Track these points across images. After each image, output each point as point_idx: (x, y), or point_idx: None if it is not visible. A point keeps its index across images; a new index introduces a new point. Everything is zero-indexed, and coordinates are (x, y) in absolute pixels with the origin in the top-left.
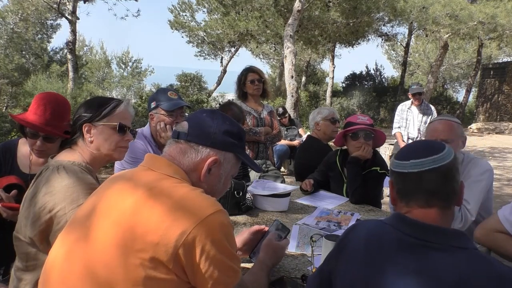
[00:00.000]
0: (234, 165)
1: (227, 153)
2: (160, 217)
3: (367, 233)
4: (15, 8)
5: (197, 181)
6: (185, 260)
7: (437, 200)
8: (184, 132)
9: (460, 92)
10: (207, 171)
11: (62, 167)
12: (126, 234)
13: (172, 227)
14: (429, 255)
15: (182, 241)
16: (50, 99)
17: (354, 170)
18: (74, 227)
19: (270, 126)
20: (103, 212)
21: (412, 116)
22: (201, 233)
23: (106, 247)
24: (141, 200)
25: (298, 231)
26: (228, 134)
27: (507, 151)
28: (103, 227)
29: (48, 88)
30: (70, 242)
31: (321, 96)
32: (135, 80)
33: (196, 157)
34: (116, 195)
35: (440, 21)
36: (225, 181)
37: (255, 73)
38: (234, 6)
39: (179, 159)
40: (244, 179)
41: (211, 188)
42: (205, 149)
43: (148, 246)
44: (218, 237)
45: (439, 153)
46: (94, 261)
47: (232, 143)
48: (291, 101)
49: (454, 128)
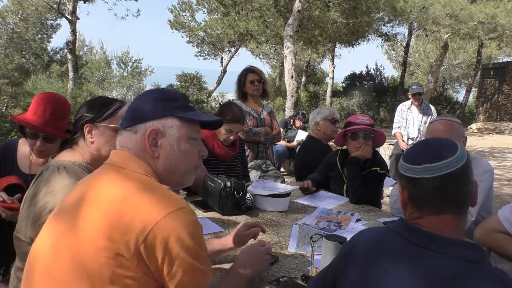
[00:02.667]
0: (181, 127)
1: (164, 119)
2: (122, 213)
3: (372, 239)
4: (15, 8)
5: (151, 162)
6: (147, 258)
7: (452, 206)
8: (121, 122)
9: (460, 92)
10: (153, 145)
11: (62, 167)
12: (111, 217)
13: (133, 223)
14: (434, 265)
15: (143, 238)
16: (50, 99)
17: (354, 170)
18: (61, 216)
19: (270, 127)
20: (91, 200)
21: (412, 116)
22: (162, 231)
23: (92, 234)
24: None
25: (298, 231)
26: (157, 101)
27: (507, 151)
28: (91, 216)
29: (48, 88)
30: (58, 232)
31: (321, 96)
32: (135, 80)
33: (137, 137)
34: (103, 181)
35: (440, 21)
36: (180, 147)
37: (255, 74)
38: (234, 6)
39: (128, 146)
40: (244, 179)
41: (168, 160)
42: (141, 125)
43: (114, 241)
44: (182, 235)
45: (453, 155)
46: (81, 250)
47: (164, 106)
48: (291, 101)
49: (454, 128)
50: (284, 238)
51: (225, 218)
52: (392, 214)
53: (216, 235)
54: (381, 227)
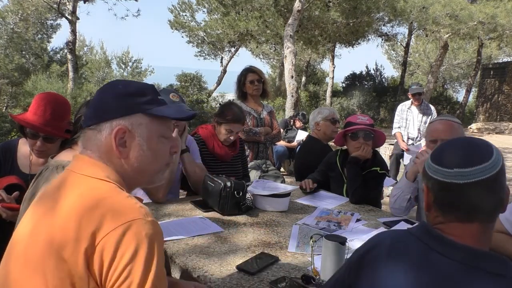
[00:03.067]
0: (150, 125)
1: (132, 116)
2: (74, 221)
3: (392, 241)
4: (15, 8)
5: (118, 163)
6: (95, 273)
7: (481, 215)
8: (84, 120)
9: (460, 92)
10: (120, 145)
11: (62, 167)
12: (83, 206)
13: (81, 239)
14: (455, 277)
15: (91, 252)
16: (50, 99)
17: (353, 170)
18: (42, 200)
19: (270, 126)
20: (72, 184)
21: (412, 116)
22: (110, 244)
23: (67, 214)
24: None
25: (298, 231)
26: (123, 96)
27: (507, 151)
28: (70, 197)
29: (48, 88)
30: (37, 215)
31: (321, 96)
32: (135, 80)
33: (102, 136)
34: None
35: (440, 21)
36: (150, 146)
37: (254, 74)
38: (234, 6)
39: (90, 148)
40: (244, 179)
41: (137, 160)
42: (106, 124)
43: (65, 261)
44: (130, 248)
45: (488, 161)
46: (55, 228)
47: (132, 103)
48: (291, 101)
49: (454, 129)
50: (284, 238)
51: (225, 218)
52: (392, 214)
53: (216, 235)
54: (401, 230)
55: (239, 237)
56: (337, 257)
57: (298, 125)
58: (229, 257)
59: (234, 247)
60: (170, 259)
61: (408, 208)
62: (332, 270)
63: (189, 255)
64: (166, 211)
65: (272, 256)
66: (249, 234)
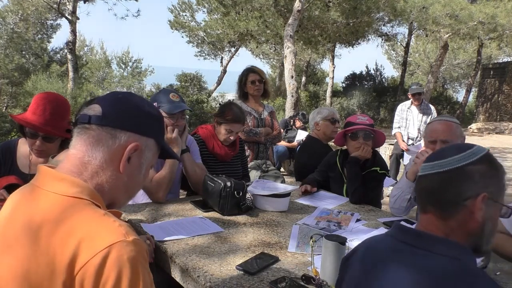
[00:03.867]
0: (154, 154)
1: (149, 139)
2: (45, 251)
3: (368, 244)
4: (15, 8)
5: (112, 175)
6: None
7: (431, 207)
8: (97, 115)
9: (460, 92)
10: (127, 160)
11: None
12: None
13: (58, 264)
14: (424, 263)
15: (70, 283)
16: (50, 99)
17: (353, 170)
18: (7, 228)
19: (271, 127)
20: (37, 202)
21: (412, 116)
22: (90, 273)
23: (38, 244)
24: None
25: (298, 231)
26: (149, 117)
27: (507, 151)
28: (36, 220)
29: (48, 88)
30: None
31: (321, 96)
32: (135, 80)
33: (114, 144)
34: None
35: (440, 21)
36: (145, 172)
37: (255, 74)
38: (234, 6)
39: (91, 154)
40: (244, 179)
41: (131, 180)
42: (124, 133)
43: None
44: (113, 275)
45: (455, 155)
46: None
47: (153, 127)
48: (291, 101)
49: (453, 129)
50: (284, 238)
51: (225, 218)
52: (392, 214)
53: (216, 235)
54: (381, 234)
55: (239, 237)
56: (337, 257)
57: (298, 125)
58: (229, 257)
59: (234, 247)
60: (170, 259)
61: (408, 208)
62: (332, 270)
63: (189, 255)
64: (166, 211)
65: (272, 256)
66: (249, 234)
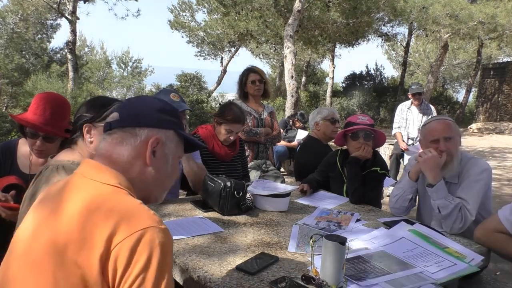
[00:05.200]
0: (177, 144)
1: (167, 131)
2: (85, 226)
3: None
4: (15, 8)
5: (142, 170)
6: (112, 277)
7: None
8: (116, 120)
9: (460, 92)
10: (152, 154)
11: (61, 167)
12: (90, 209)
13: (101, 239)
14: None
15: (108, 256)
16: (50, 99)
17: (354, 170)
18: (45, 202)
19: (270, 127)
20: (75, 186)
21: (412, 116)
22: (131, 249)
23: (71, 217)
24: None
25: (298, 231)
26: (163, 112)
27: (507, 151)
28: (72, 200)
29: (48, 88)
30: (40, 217)
31: (321, 96)
32: (135, 80)
33: (136, 141)
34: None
35: (440, 21)
36: (172, 162)
37: (256, 74)
38: (234, 6)
39: (118, 151)
40: (244, 179)
41: (159, 172)
42: (143, 130)
43: (79, 266)
44: (150, 254)
45: None
46: (58, 230)
47: (170, 120)
48: (291, 101)
49: (452, 126)
50: (284, 238)
51: (225, 218)
52: (392, 214)
53: (216, 235)
54: None
55: (239, 237)
56: (337, 257)
57: (298, 125)
58: (229, 257)
59: (234, 247)
60: None
61: (408, 208)
62: (332, 270)
63: (189, 255)
64: (166, 211)
65: (272, 256)
66: (249, 234)
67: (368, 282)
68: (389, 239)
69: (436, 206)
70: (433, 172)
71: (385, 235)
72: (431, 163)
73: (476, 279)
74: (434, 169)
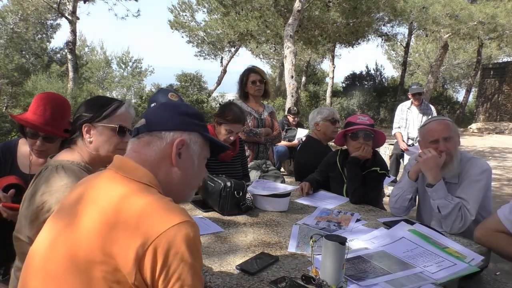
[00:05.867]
0: (202, 146)
1: (192, 133)
2: (123, 218)
3: None
4: (15, 8)
5: (168, 170)
6: (145, 271)
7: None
8: (143, 125)
9: (460, 92)
10: (177, 155)
11: (61, 167)
12: (111, 219)
13: (133, 237)
14: None
15: (144, 250)
16: (50, 99)
17: (353, 170)
18: (61, 215)
19: (271, 127)
20: (90, 199)
21: (412, 116)
22: (163, 244)
23: (90, 232)
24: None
25: (298, 231)
26: (186, 115)
27: (507, 151)
28: (89, 213)
29: (48, 88)
30: (56, 229)
31: (321, 96)
32: (135, 80)
33: (162, 144)
34: (105, 182)
35: (440, 21)
36: (198, 164)
37: (256, 74)
38: (234, 6)
39: (145, 152)
40: (244, 179)
41: (185, 173)
42: (168, 133)
43: (111, 256)
44: (182, 249)
45: None
46: (77, 246)
47: (193, 123)
48: (291, 101)
49: (451, 126)
50: (284, 238)
51: (225, 218)
52: (392, 214)
53: (216, 235)
54: None
55: (239, 237)
56: (337, 257)
57: (291, 120)
58: (229, 257)
59: (234, 247)
60: None
61: (408, 208)
62: (332, 270)
63: None
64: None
65: (272, 256)
66: (249, 234)
67: (368, 282)
68: (389, 239)
69: (436, 206)
70: (432, 172)
71: (385, 235)
72: (430, 163)
73: (476, 279)
74: (433, 169)
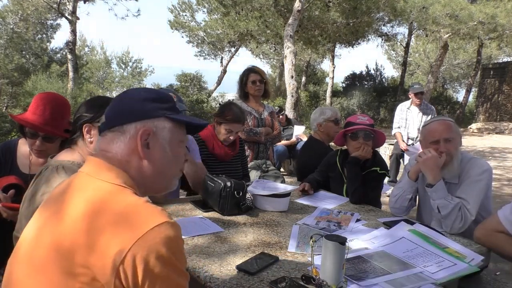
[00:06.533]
0: (173, 130)
1: (156, 119)
2: (99, 233)
3: None
4: (15, 8)
5: (139, 165)
6: (125, 280)
7: None
8: (103, 122)
9: (460, 92)
10: (144, 146)
11: (61, 167)
12: (95, 211)
13: (109, 244)
14: None
15: (121, 260)
16: (50, 99)
17: (353, 170)
18: (48, 204)
19: (271, 127)
20: (77, 187)
21: (412, 116)
22: (142, 250)
23: (74, 219)
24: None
25: (298, 231)
26: (146, 100)
27: (507, 151)
28: (75, 201)
29: (48, 88)
30: (43, 218)
31: (321, 96)
32: (135, 80)
33: (125, 138)
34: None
35: (440, 21)
36: (172, 149)
37: (256, 74)
38: (234, 6)
39: (111, 150)
40: (244, 179)
41: (158, 163)
42: (130, 125)
43: (89, 267)
44: (163, 252)
45: None
46: (62, 233)
47: (156, 107)
48: (291, 101)
49: (452, 127)
50: (284, 238)
51: (225, 218)
52: (392, 214)
53: (216, 235)
54: None
55: (239, 237)
56: (337, 257)
57: (280, 118)
58: (229, 257)
59: (234, 247)
60: None
61: (408, 208)
62: (332, 270)
63: (189, 255)
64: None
65: (272, 256)
66: (249, 234)
67: (368, 282)
68: (389, 239)
69: (436, 206)
70: (432, 172)
71: (385, 235)
72: (430, 163)
73: (476, 279)
74: (433, 169)
